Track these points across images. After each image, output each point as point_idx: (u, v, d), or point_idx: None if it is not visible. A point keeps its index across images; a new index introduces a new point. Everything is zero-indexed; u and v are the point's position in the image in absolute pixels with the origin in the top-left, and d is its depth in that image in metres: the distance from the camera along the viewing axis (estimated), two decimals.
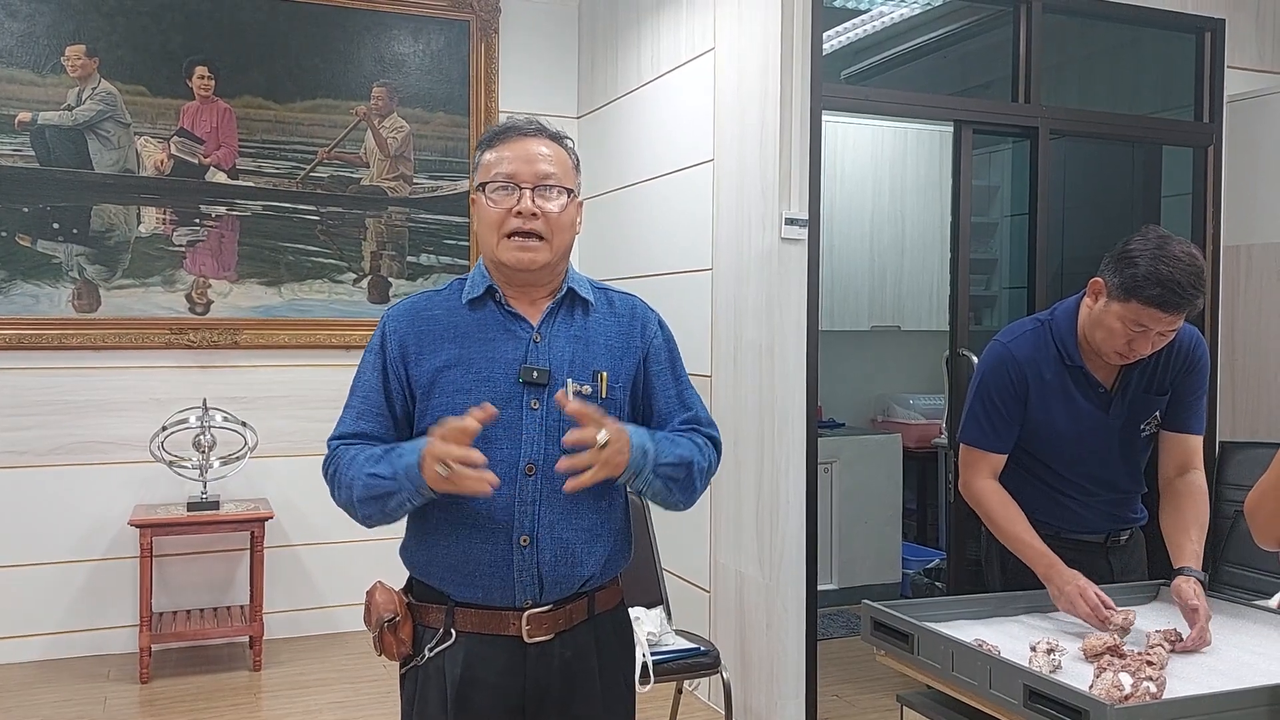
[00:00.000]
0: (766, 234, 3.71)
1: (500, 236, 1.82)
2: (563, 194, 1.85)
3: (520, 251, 1.82)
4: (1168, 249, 2.23)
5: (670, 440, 1.86)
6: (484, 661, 1.80)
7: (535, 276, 1.86)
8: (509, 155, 1.83)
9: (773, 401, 3.69)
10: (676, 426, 1.93)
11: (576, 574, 1.83)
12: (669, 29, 4.43)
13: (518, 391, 1.81)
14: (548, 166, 1.84)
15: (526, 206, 1.81)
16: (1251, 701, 1.81)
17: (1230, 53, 4.35)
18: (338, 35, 4.94)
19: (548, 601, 1.81)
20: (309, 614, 4.90)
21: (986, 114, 4.10)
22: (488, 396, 1.79)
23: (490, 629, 1.80)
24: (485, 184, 1.84)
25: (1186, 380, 2.49)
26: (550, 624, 1.81)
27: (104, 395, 4.65)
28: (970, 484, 2.51)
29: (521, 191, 1.81)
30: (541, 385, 1.81)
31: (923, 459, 5.92)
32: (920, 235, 5.85)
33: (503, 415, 1.78)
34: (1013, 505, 2.44)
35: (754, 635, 3.79)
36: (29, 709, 4.03)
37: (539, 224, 1.81)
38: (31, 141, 4.54)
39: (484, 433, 1.78)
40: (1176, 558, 2.39)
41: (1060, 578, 2.29)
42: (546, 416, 1.81)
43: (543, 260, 1.83)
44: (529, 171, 1.82)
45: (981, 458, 2.50)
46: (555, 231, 1.83)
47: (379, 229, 5.06)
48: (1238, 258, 4.35)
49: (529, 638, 1.80)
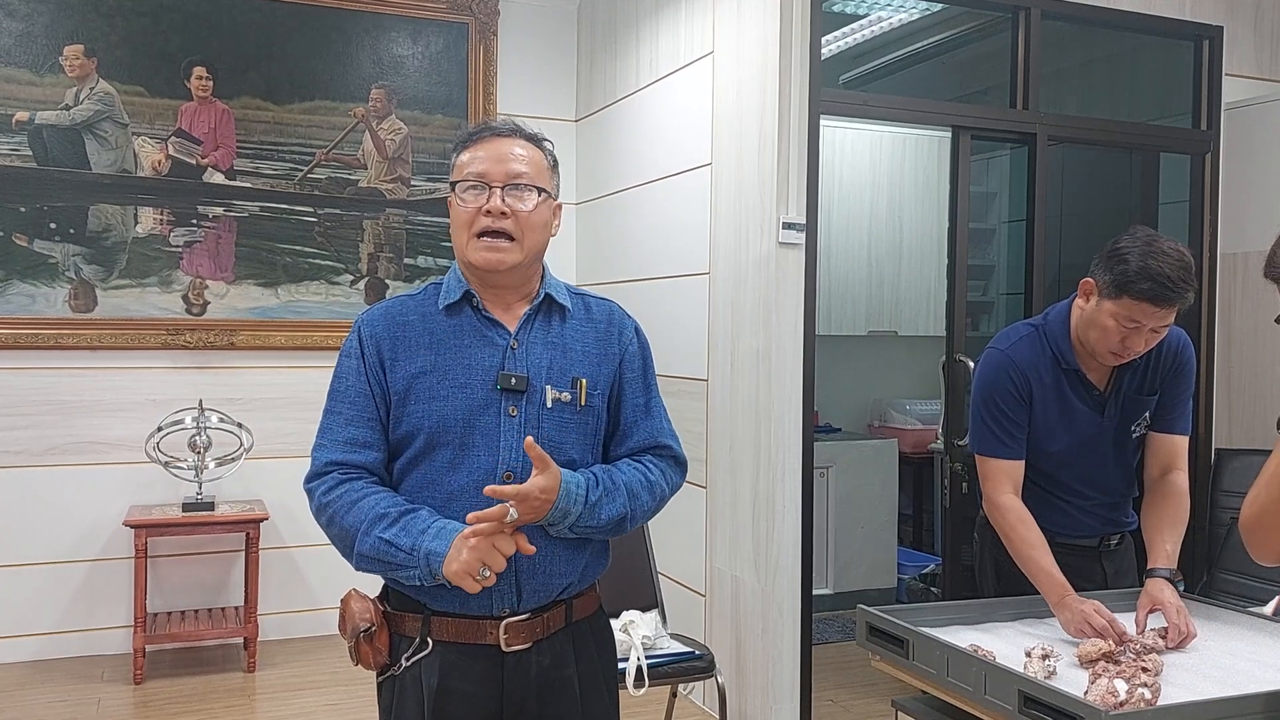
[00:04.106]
0: (764, 238, 3.71)
1: (470, 236, 1.81)
2: (534, 193, 1.82)
3: (489, 252, 1.79)
4: (1156, 245, 2.26)
5: (611, 490, 1.81)
6: (461, 671, 1.78)
7: (505, 278, 1.83)
8: (481, 155, 1.82)
9: (769, 406, 3.69)
10: (634, 448, 1.91)
11: (554, 583, 1.82)
12: (667, 33, 4.43)
13: (495, 398, 1.79)
14: (519, 166, 1.82)
15: (495, 205, 1.78)
16: (1246, 709, 1.81)
17: (1228, 60, 4.36)
18: (336, 37, 4.94)
19: (525, 610, 1.80)
20: (303, 616, 4.89)
21: (985, 120, 4.10)
22: (464, 403, 1.78)
23: (468, 638, 1.77)
24: (457, 183, 1.83)
25: (1174, 381, 2.51)
26: (528, 633, 1.80)
27: (100, 396, 4.64)
28: (992, 499, 2.47)
29: (491, 190, 1.79)
30: (520, 392, 1.79)
31: (919, 464, 5.93)
32: (918, 241, 5.85)
33: (480, 422, 1.77)
34: (1034, 528, 2.40)
35: (749, 639, 3.79)
36: (22, 710, 4.02)
37: (508, 223, 1.79)
38: (29, 141, 4.53)
39: (461, 440, 1.77)
40: (1150, 559, 2.42)
41: (1076, 602, 2.27)
42: (524, 424, 1.79)
43: (512, 261, 1.80)
44: (500, 170, 1.80)
45: (998, 468, 2.47)
46: (526, 231, 1.81)
47: (376, 231, 5.05)
48: (1234, 265, 4.36)
49: (506, 646, 1.78)
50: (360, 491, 1.77)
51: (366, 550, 1.73)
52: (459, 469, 1.78)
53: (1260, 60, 4.45)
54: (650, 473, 1.89)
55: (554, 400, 1.81)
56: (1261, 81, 4.43)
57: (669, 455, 1.95)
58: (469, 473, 1.76)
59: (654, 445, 1.93)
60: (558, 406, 1.82)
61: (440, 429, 1.78)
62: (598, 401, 1.87)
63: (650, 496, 1.88)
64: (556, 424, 1.82)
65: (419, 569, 1.70)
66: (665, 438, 1.95)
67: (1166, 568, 2.38)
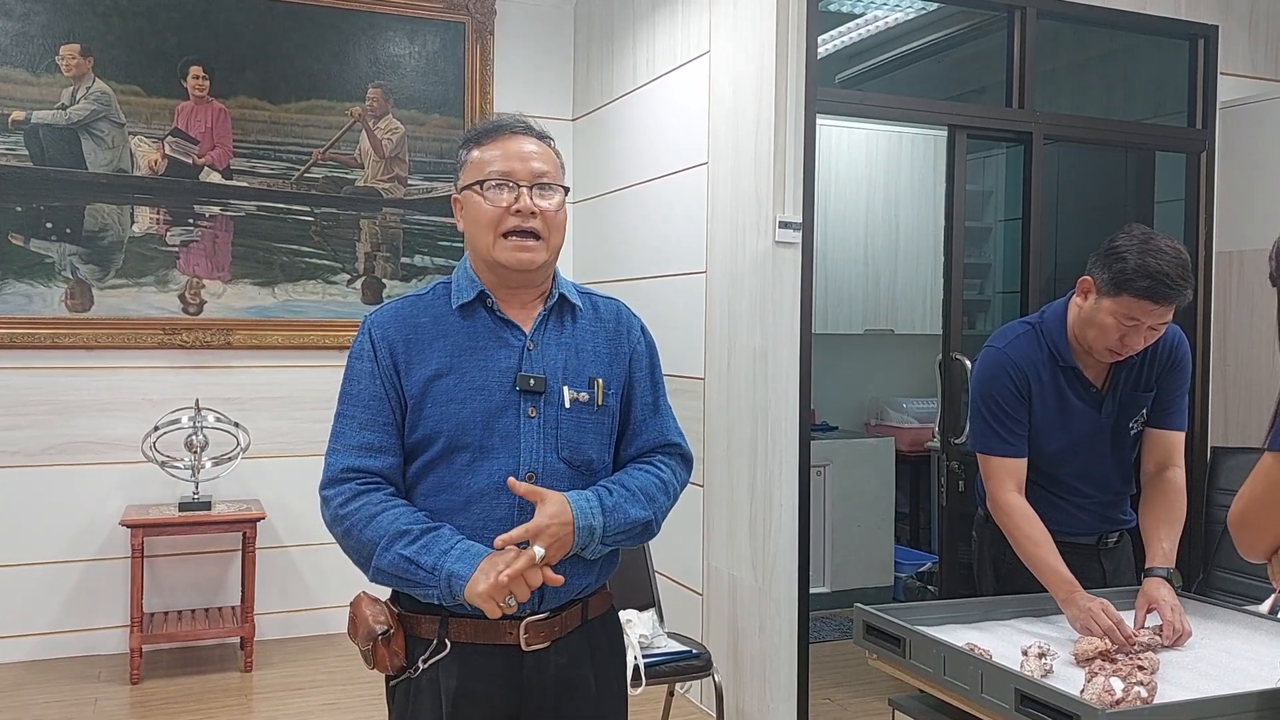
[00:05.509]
0: (760, 237, 3.71)
1: (496, 236, 1.79)
2: (557, 192, 1.83)
3: (519, 251, 1.78)
4: (1153, 243, 2.27)
5: (628, 496, 1.81)
6: (479, 672, 1.77)
7: (531, 277, 1.83)
8: (500, 153, 1.80)
9: (766, 405, 3.69)
10: (644, 446, 1.91)
11: (574, 583, 1.81)
12: (664, 32, 4.43)
13: (514, 400, 1.78)
14: (541, 164, 1.81)
15: (526, 205, 1.77)
16: (1242, 707, 1.81)
17: (1223, 59, 4.36)
18: (333, 36, 4.94)
19: (545, 609, 1.79)
20: (301, 615, 4.89)
21: (981, 119, 4.10)
22: (482, 406, 1.77)
23: (486, 639, 1.76)
24: (482, 181, 1.80)
25: (1171, 377, 2.52)
26: (547, 632, 1.79)
27: (96, 395, 4.63)
28: (996, 497, 2.48)
29: (520, 189, 1.78)
30: (538, 393, 1.78)
31: (915, 462, 5.93)
32: (914, 239, 5.85)
33: (499, 425, 1.76)
34: (1038, 525, 2.41)
35: (746, 638, 3.79)
36: (19, 710, 4.01)
37: (537, 223, 1.79)
38: (25, 141, 4.53)
39: (481, 443, 1.76)
40: (1147, 558, 2.44)
41: (1084, 599, 2.27)
42: (544, 425, 1.79)
43: (540, 260, 1.80)
44: (525, 169, 1.79)
45: (1001, 466, 2.47)
46: (552, 230, 1.81)
47: (373, 230, 5.05)
48: (1230, 264, 4.37)
49: (527, 646, 1.77)
50: (380, 505, 1.75)
51: (385, 566, 1.72)
52: (479, 472, 1.76)
53: (1255, 59, 4.45)
54: (662, 473, 1.90)
55: (572, 400, 1.80)
56: (1256, 80, 4.44)
57: (677, 453, 1.95)
58: (489, 475, 1.76)
59: (663, 444, 1.93)
60: (576, 407, 1.81)
61: (460, 432, 1.76)
62: (613, 401, 1.87)
63: (667, 498, 1.89)
64: (575, 424, 1.81)
65: (439, 589, 1.69)
66: (673, 435, 1.95)
67: (1164, 566, 2.39)
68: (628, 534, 1.81)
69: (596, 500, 1.77)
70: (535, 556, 1.66)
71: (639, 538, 1.85)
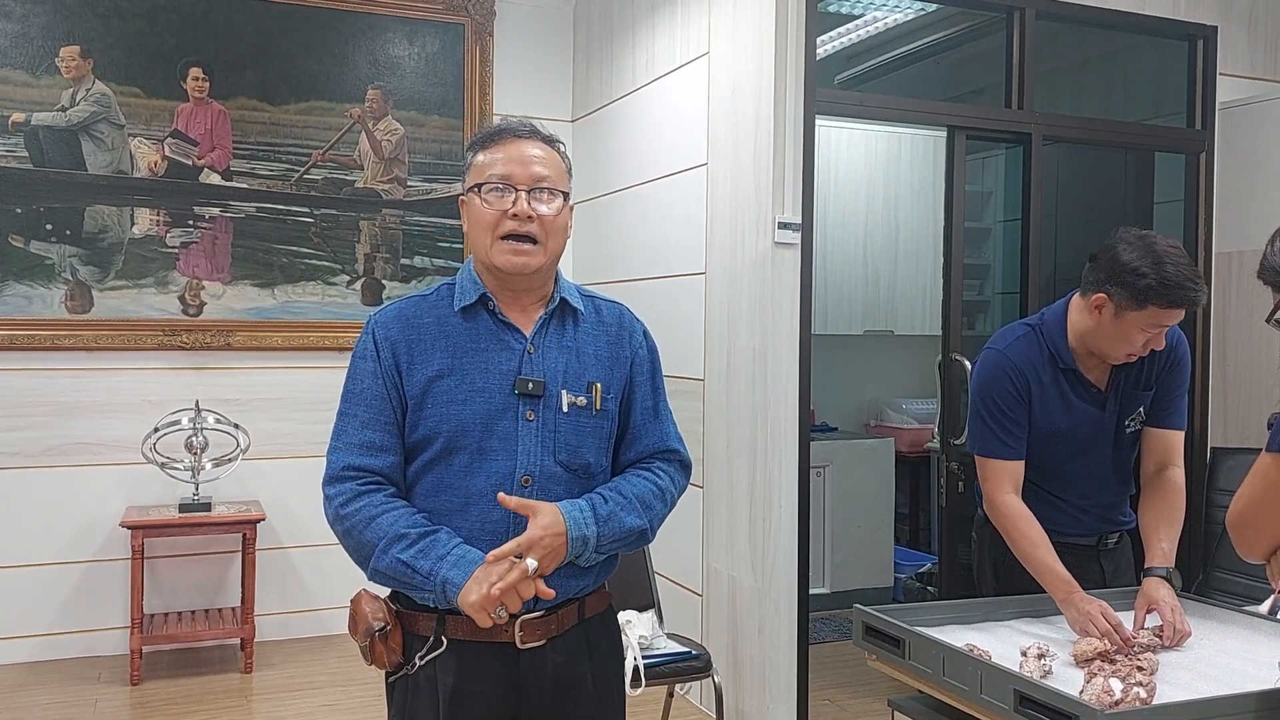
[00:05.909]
0: (760, 238, 3.71)
1: (494, 239, 1.80)
2: (557, 197, 1.84)
3: (514, 255, 1.79)
4: (1158, 249, 2.28)
5: (624, 504, 1.83)
6: (476, 669, 1.78)
7: (528, 281, 1.84)
8: (503, 157, 1.82)
9: (765, 405, 3.69)
10: (643, 452, 1.92)
11: (571, 584, 1.82)
12: (663, 33, 4.44)
13: (512, 403, 1.79)
14: (542, 169, 1.82)
15: (522, 209, 1.79)
16: (1241, 707, 1.82)
17: (1222, 60, 4.36)
18: (333, 38, 4.94)
19: (540, 607, 1.80)
20: (301, 616, 4.89)
21: (980, 120, 4.10)
22: (482, 408, 1.78)
23: (483, 636, 1.76)
24: (481, 185, 1.82)
25: (1171, 376, 2.53)
26: (543, 630, 1.80)
27: (96, 396, 4.63)
28: (993, 499, 2.48)
29: (517, 193, 1.80)
30: (537, 396, 1.80)
31: (915, 463, 5.93)
32: (913, 240, 5.86)
33: (498, 427, 1.78)
34: (1036, 526, 2.41)
35: (746, 639, 3.79)
36: (19, 711, 4.01)
37: (534, 227, 1.80)
38: (25, 142, 4.53)
39: (479, 444, 1.77)
40: (1147, 558, 2.44)
41: (1084, 600, 2.28)
42: (541, 428, 1.80)
43: (536, 264, 1.81)
44: (524, 174, 1.81)
45: (999, 468, 2.47)
46: (550, 235, 1.82)
47: (373, 231, 5.05)
48: (1229, 264, 4.37)
49: (522, 644, 1.78)
50: (380, 506, 1.77)
51: (383, 568, 1.74)
52: (477, 473, 1.78)
53: (1254, 60, 4.46)
54: (660, 479, 1.90)
55: (570, 405, 1.81)
56: (1255, 81, 4.44)
57: (676, 460, 1.96)
58: (487, 477, 1.77)
59: (662, 449, 1.94)
60: (574, 411, 1.82)
61: (459, 433, 1.78)
62: (611, 405, 1.87)
63: (664, 505, 1.90)
64: (573, 428, 1.82)
65: (434, 593, 1.71)
66: (673, 442, 1.96)
67: (1163, 566, 2.39)
68: (622, 542, 1.83)
69: (590, 509, 1.78)
70: (528, 569, 1.68)
71: (634, 545, 1.86)
